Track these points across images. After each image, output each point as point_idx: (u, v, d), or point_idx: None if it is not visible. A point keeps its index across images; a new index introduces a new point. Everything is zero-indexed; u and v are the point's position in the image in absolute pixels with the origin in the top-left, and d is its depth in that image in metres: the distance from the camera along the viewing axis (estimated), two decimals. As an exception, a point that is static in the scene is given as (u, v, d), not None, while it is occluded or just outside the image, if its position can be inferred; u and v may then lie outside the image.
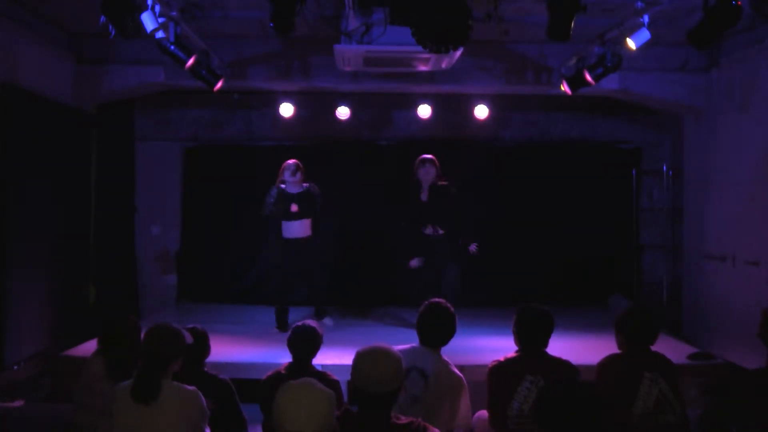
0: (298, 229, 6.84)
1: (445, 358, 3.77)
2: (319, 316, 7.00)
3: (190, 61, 5.58)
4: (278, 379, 3.79)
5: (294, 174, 6.80)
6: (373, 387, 2.71)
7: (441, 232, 6.85)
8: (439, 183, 6.88)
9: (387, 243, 8.23)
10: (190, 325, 3.88)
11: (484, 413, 3.93)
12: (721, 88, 6.63)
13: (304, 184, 6.89)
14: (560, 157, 8.68)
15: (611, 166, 8.74)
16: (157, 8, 4.93)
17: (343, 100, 7.87)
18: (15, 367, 5.61)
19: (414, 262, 6.90)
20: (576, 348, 5.88)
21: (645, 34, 5.20)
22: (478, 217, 8.48)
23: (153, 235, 8.60)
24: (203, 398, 3.30)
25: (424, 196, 6.87)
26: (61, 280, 6.42)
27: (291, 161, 6.89)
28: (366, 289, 8.52)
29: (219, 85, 6.21)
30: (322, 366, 4.45)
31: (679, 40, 5.90)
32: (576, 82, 6.23)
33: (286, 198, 6.79)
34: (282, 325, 6.90)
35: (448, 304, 3.88)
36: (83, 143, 7.02)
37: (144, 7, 4.86)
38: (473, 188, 8.42)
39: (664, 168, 8.22)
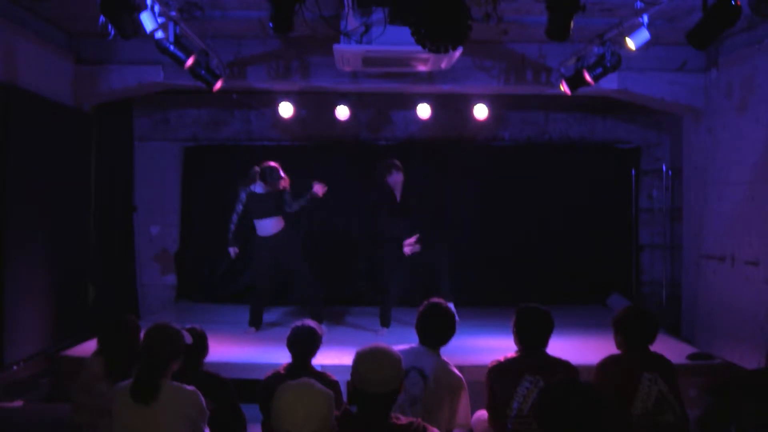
0: (270, 226, 6.76)
1: (445, 358, 3.77)
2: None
3: (189, 61, 5.58)
4: (277, 379, 3.79)
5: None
6: (373, 387, 2.70)
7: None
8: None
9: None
10: (189, 325, 3.88)
11: (483, 413, 3.94)
12: (720, 88, 6.63)
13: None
14: (559, 157, 8.69)
15: (610, 165, 8.75)
16: (157, 8, 4.92)
17: (343, 100, 7.87)
18: (14, 367, 5.60)
19: (407, 249, 6.63)
20: (576, 348, 5.89)
21: (644, 34, 5.20)
22: (477, 217, 8.52)
23: (152, 235, 8.61)
24: (203, 398, 3.30)
25: (398, 197, 6.83)
26: (60, 280, 6.41)
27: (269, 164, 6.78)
28: (366, 289, 8.52)
29: (218, 85, 6.20)
30: (322, 366, 4.45)
31: (679, 40, 5.91)
32: (575, 82, 6.23)
33: (259, 199, 6.75)
34: (257, 322, 6.90)
35: (448, 304, 3.88)
36: (82, 143, 7.01)
37: (143, 7, 4.86)
38: (472, 188, 8.42)
39: (664, 168, 8.23)
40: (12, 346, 5.56)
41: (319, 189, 6.70)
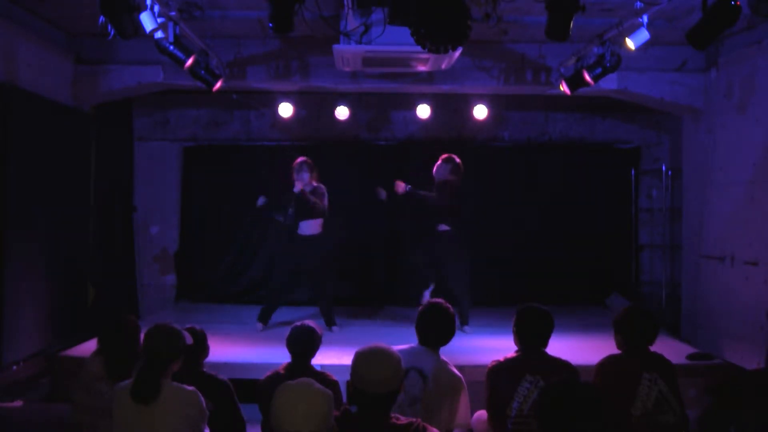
0: (308, 227, 6.83)
1: (444, 358, 3.77)
2: (328, 325, 6.97)
3: (189, 61, 5.57)
4: (277, 379, 3.79)
5: (298, 172, 6.77)
6: (373, 387, 2.70)
7: (448, 228, 6.86)
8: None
9: (385, 243, 8.25)
10: (189, 325, 3.87)
11: (483, 413, 3.93)
12: (719, 88, 6.63)
13: (313, 183, 6.87)
14: (559, 157, 8.69)
15: (610, 166, 8.75)
16: (156, 8, 4.92)
17: (342, 100, 7.87)
18: (14, 367, 5.60)
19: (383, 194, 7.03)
20: (576, 348, 5.89)
21: (644, 34, 5.20)
22: (477, 217, 8.52)
23: (152, 235, 8.61)
24: (202, 398, 3.30)
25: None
26: (60, 280, 6.40)
27: (299, 159, 6.87)
28: (365, 289, 8.53)
29: (218, 85, 6.20)
30: (322, 366, 4.45)
31: (678, 40, 5.91)
32: (575, 82, 6.23)
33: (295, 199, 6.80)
34: (265, 318, 6.95)
35: (448, 304, 3.87)
36: (82, 143, 7.01)
37: (143, 7, 4.86)
38: (472, 188, 8.42)
39: (663, 168, 8.23)
40: (12, 346, 5.56)
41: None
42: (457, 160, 6.93)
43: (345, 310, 7.89)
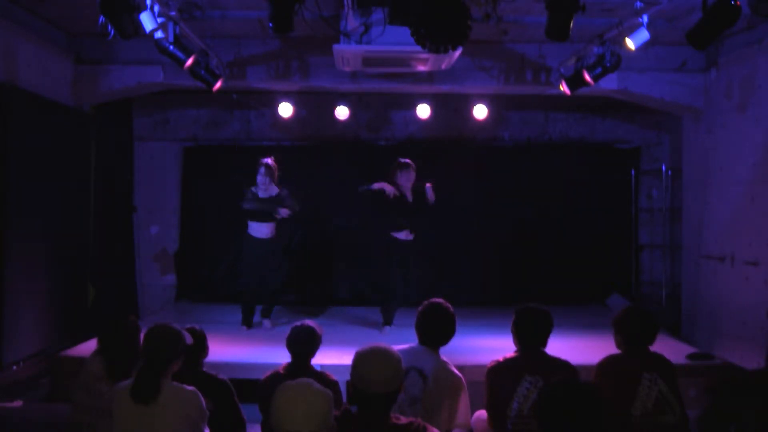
0: (264, 230, 6.90)
1: (444, 358, 3.77)
2: (264, 314, 7.09)
3: (189, 61, 5.58)
4: (277, 379, 3.79)
5: (264, 176, 6.79)
6: (373, 387, 2.70)
7: (412, 236, 6.84)
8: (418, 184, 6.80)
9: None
10: (189, 325, 3.87)
11: (483, 413, 3.93)
12: (719, 87, 6.63)
13: (277, 189, 6.90)
14: (559, 157, 8.69)
15: (610, 165, 8.75)
16: (156, 8, 4.93)
17: (342, 100, 7.87)
18: (14, 367, 5.60)
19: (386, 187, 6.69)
20: (576, 348, 5.89)
21: (644, 34, 5.20)
22: (477, 217, 8.53)
23: (152, 235, 8.61)
24: (202, 398, 3.30)
25: (408, 197, 6.81)
26: (60, 280, 6.41)
27: (263, 160, 6.87)
28: (365, 289, 8.53)
29: (218, 85, 6.21)
30: (322, 366, 4.45)
31: (678, 40, 5.91)
32: (575, 82, 6.23)
33: (258, 200, 6.85)
34: (248, 321, 7.04)
35: (448, 304, 3.87)
36: (82, 143, 7.01)
37: (143, 7, 4.86)
38: (472, 188, 8.43)
39: (663, 168, 8.23)
40: (12, 346, 5.56)
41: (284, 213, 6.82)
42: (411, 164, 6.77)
43: (345, 310, 7.90)
